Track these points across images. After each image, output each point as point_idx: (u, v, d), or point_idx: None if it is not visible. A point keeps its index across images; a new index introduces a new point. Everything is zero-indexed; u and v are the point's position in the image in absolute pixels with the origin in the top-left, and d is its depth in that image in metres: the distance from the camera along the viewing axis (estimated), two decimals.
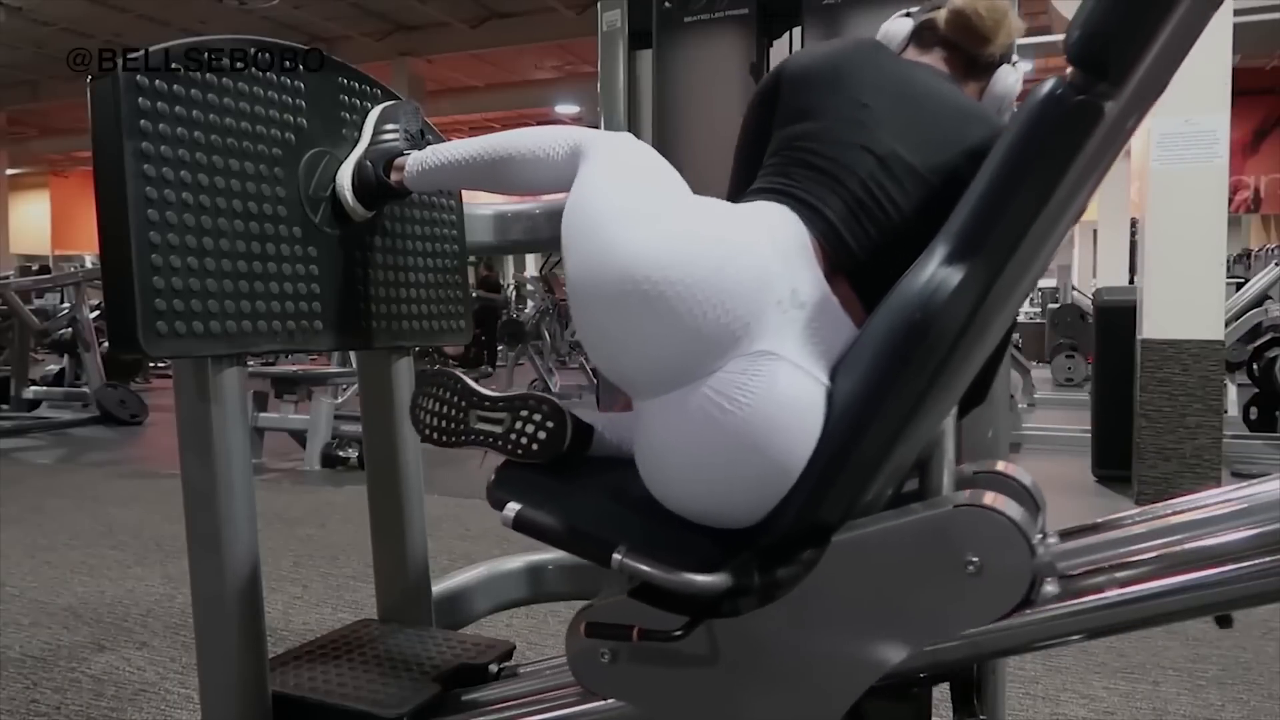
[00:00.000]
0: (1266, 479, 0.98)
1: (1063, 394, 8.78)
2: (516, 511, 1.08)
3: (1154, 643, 2.55)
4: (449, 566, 1.89)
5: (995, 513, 0.92)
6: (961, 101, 1.20)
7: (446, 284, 1.67)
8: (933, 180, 1.11)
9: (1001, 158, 0.95)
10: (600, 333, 1.03)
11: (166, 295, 1.17)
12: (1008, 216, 0.92)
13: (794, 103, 1.20)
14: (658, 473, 1.05)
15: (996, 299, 0.93)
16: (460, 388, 1.22)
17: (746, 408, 0.97)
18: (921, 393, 0.94)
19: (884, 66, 1.20)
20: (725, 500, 1.02)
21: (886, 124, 1.13)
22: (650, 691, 1.07)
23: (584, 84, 13.58)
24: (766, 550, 1.02)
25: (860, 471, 0.98)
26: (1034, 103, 0.92)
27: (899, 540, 0.96)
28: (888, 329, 0.97)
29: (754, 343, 0.99)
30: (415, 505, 1.68)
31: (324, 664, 1.43)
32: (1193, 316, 4.13)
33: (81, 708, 2.18)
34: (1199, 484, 4.05)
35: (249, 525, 1.28)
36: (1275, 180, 12.64)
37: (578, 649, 1.10)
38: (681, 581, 0.98)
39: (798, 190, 1.12)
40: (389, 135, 1.46)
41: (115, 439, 6.76)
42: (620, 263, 0.99)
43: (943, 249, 0.96)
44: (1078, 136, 0.88)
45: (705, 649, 1.03)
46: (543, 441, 1.13)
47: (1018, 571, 0.92)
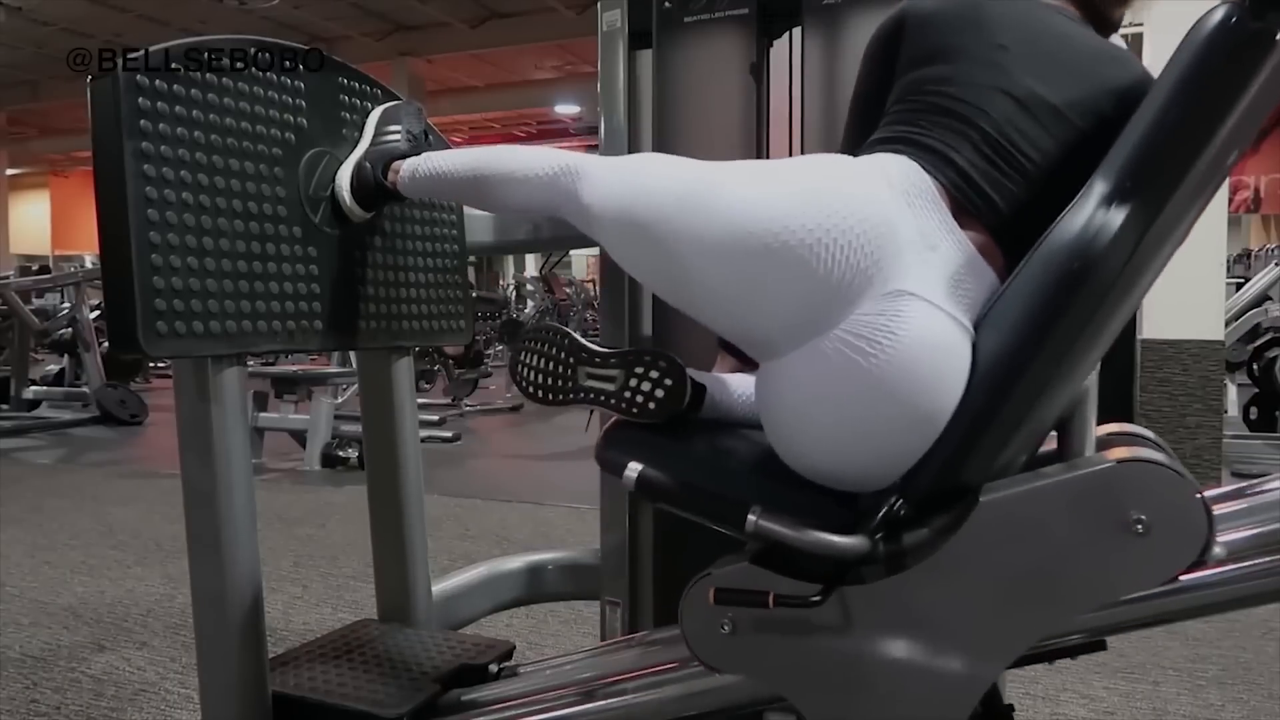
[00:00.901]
0: (1266, 479, 0.98)
1: None
2: (640, 472, 1.03)
3: (1154, 643, 2.55)
4: (449, 566, 1.89)
5: (1164, 467, 0.87)
6: (1100, 42, 1.15)
7: (446, 284, 1.67)
8: (1078, 121, 1.06)
9: (1166, 91, 0.89)
10: (723, 294, 0.99)
11: (166, 295, 1.17)
12: (1174, 150, 0.87)
13: (921, 45, 1.13)
14: (791, 431, 1.00)
15: (1156, 243, 0.88)
16: (568, 343, 1.16)
17: (889, 349, 0.92)
18: (1076, 345, 0.89)
19: (1015, 6, 1.14)
20: (865, 457, 0.97)
21: (1024, 64, 1.07)
22: (775, 664, 1.01)
23: (584, 84, 13.59)
24: (904, 512, 0.95)
25: (1006, 427, 0.92)
26: (1204, 31, 0.87)
27: (1054, 500, 0.90)
28: (1042, 277, 0.91)
29: (888, 282, 0.93)
30: (415, 505, 1.68)
31: (324, 664, 1.43)
32: (1193, 316, 4.13)
33: (81, 708, 2.19)
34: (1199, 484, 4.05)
35: (249, 525, 1.28)
36: (1275, 180, 12.65)
37: (699, 619, 1.02)
38: (823, 543, 0.92)
39: (925, 138, 1.06)
40: (391, 136, 1.45)
41: (115, 439, 6.77)
42: (736, 220, 0.95)
43: (1101, 189, 0.89)
44: (1250, 66, 0.84)
45: (839, 618, 0.96)
46: (660, 399, 1.08)
47: (1193, 529, 0.86)
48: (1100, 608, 0.91)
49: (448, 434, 6.21)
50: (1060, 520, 0.89)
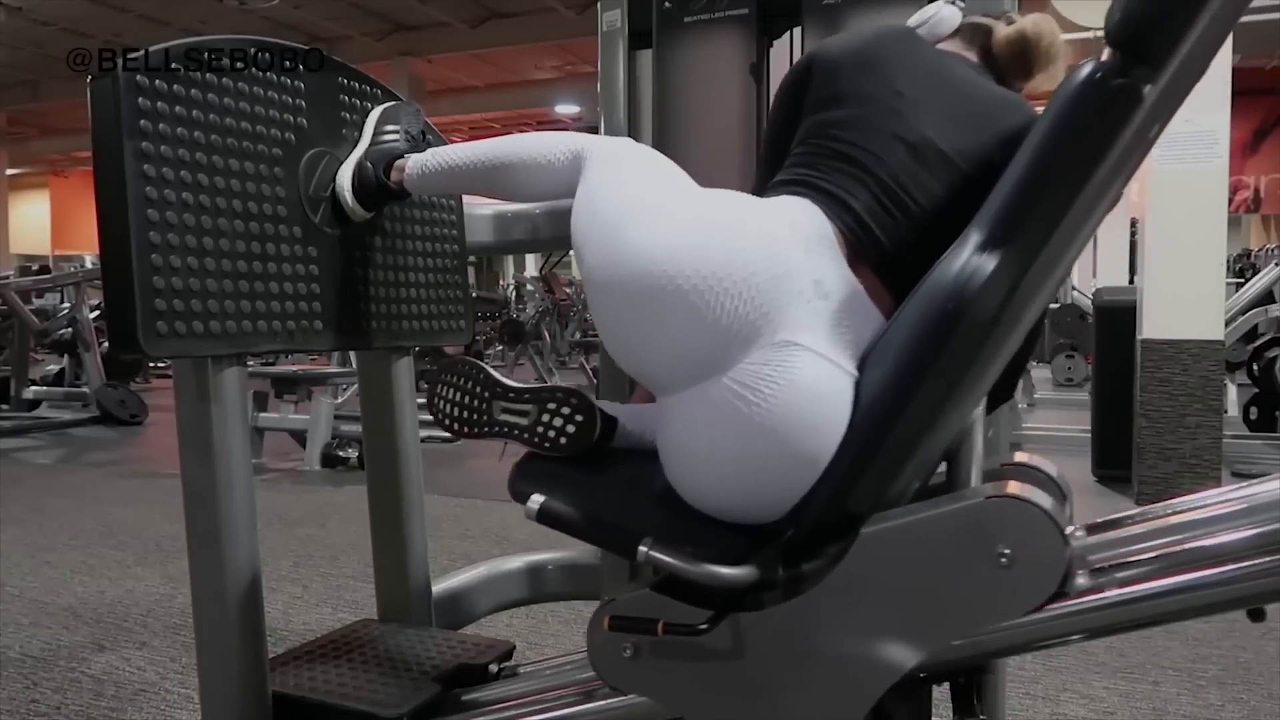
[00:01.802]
0: (1266, 479, 0.98)
1: (1063, 394, 8.77)
2: (541, 504, 1.06)
3: (1154, 643, 2.55)
4: (449, 566, 1.89)
5: (1028, 503, 0.91)
6: (996, 90, 1.18)
7: (446, 284, 1.67)
8: (965, 167, 1.10)
9: (1038, 142, 0.93)
10: (620, 329, 1.03)
11: (166, 295, 1.17)
12: (1044, 202, 0.90)
13: (826, 89, 1.18)
14: (682, 468, 1.04)
15: (1030, 287, 0.92)
16: (483, 377, 1.20)
17: (771, 399, 0.96)
18: (953, 383, 0.93)
19: (918, 55, 1.18)
20: (751, 494, 1.01)
21: (919, 112, 1.11)
22: (673, 686, 1.06)
23: (584, 84, 13.59)
24: (793, 542, 1.00)
25: (889, 463, 0.97)
26: (1072, 86, 0.90)
27: (929, 532, 0.94)
28: (920, 318, 0.95)
29: (776, 333, 0.97)
30: (415, 505, 1.68)
31: (324, 664, 1.43)
32: (1193, 316, 4.13)
33: (81, 708, 2.18)
34: (1199, 484, 4.05)
35: (249, 525, 1.28)
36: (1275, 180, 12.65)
37: (600, 643, 1.08)
38: (708, 574, 0.96)
39: (823, 182, 1.11)
40: (390, 136, 1.46)
41: (115, 439, 6.76)
42: (636, 258, 0.98)
43: (977, 236, 0.94)
44: (1116, 120, 0.87)
45: (730, 643, 1.01)
46: (571, 435, 1.12)
47: (1052, 562, 0.90)
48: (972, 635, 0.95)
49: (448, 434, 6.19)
50: (933, 551, 0.94)
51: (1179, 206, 4.13)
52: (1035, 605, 0.91)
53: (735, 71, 1.71)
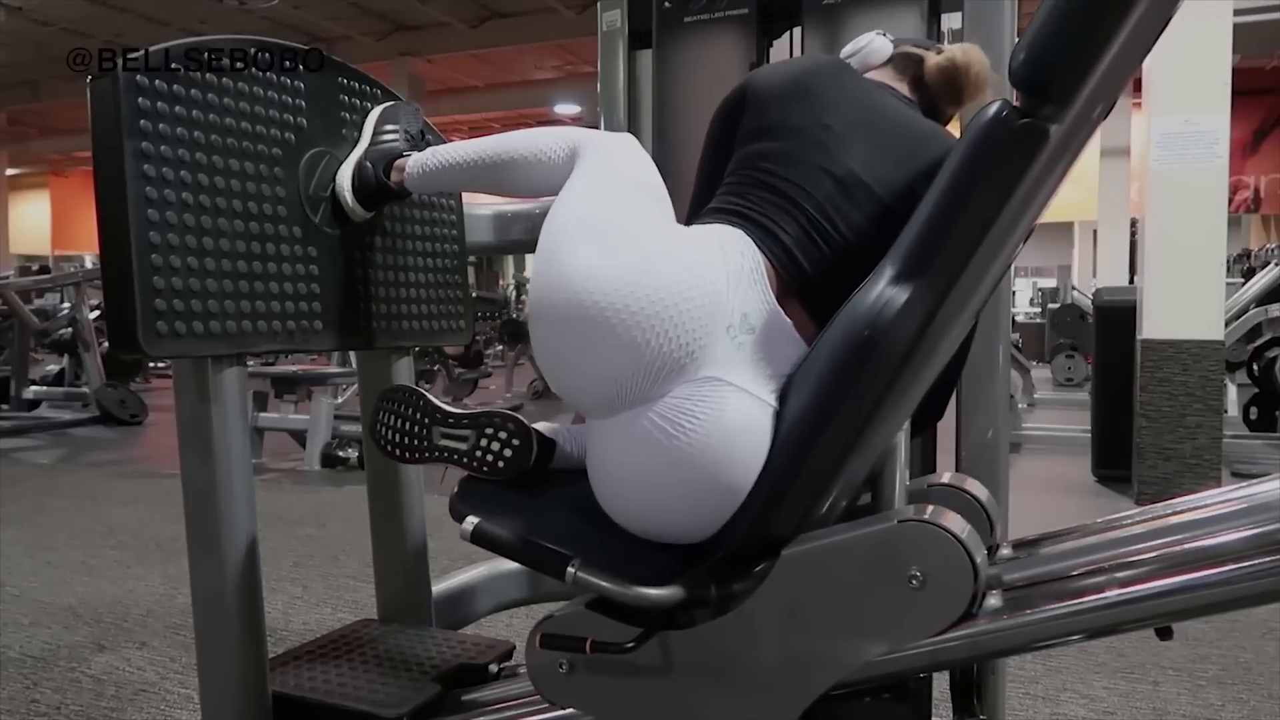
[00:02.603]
0: (1266, 479, 0.98)
1: (1063, 394, 8.78)
2: (475, 525, 1.09)
3: (1154, 643, 2.53)
4: (449, 566, 1.89)
5: (938, 528, 0.94)
6: (921, 123, 1.22)
7: (446, 284, 1.67)
8: (888, 200, 1.12)
9: (947, 179, 0.96)
10: (550, 351, 1.05)
11: (166, 295, 1.17)
12: (953, 237, 0.94)
13: (757, 120, 1.20)
14: (608, 492, 1.07)
15: (945, 317, 0.95)
16: (423, 404, 1.22)
17: (692, 434, 0.99)
18: (870, 409, 0.96)
19: (847, 87, 1.21)
20: (673, 519, 1.04)
21: (846, 145, 1.14)
22: (608, 702, 1.09)
23: (584, 84, 13.58)
24: (720, 563, 1.03)
25: (809, 487, 1.00)
26: (979, 125, 0.92)
27: (846, 554, 0.97)
28: (836, 346, 0.99)
29: (700, 369, 1.00)
30: (415, 505, 1.68)
31: (324, 664, 1.43)
32: (1193, 316, 4.13)
33: (81, 708, 2.18)
34: (1199, 484, 4.06)
35: (249, 525, 1.28)
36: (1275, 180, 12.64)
37: (536, 660, 1.11)
38: (634, 595, 1.00)
39: (753, 213, 1.13)
40: (389, 136, 1.46)
41: (115, 439, 6.76)
42: (571, 285, 1.00)
43: (891, 268, 0.97)
44: (1022, 158, 0.89)
45: (660, 659, 1.05)
46: (508, 459, 1.14)
47: (959, 585, 0.93)
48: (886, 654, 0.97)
49: None
50: (849, 572, 0.97)
51: (1179, 206, 4.13)
52: (945, 625, 0.94)
53: (735, 71, 1.70)
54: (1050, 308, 10.67)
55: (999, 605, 0.97)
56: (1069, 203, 12.58)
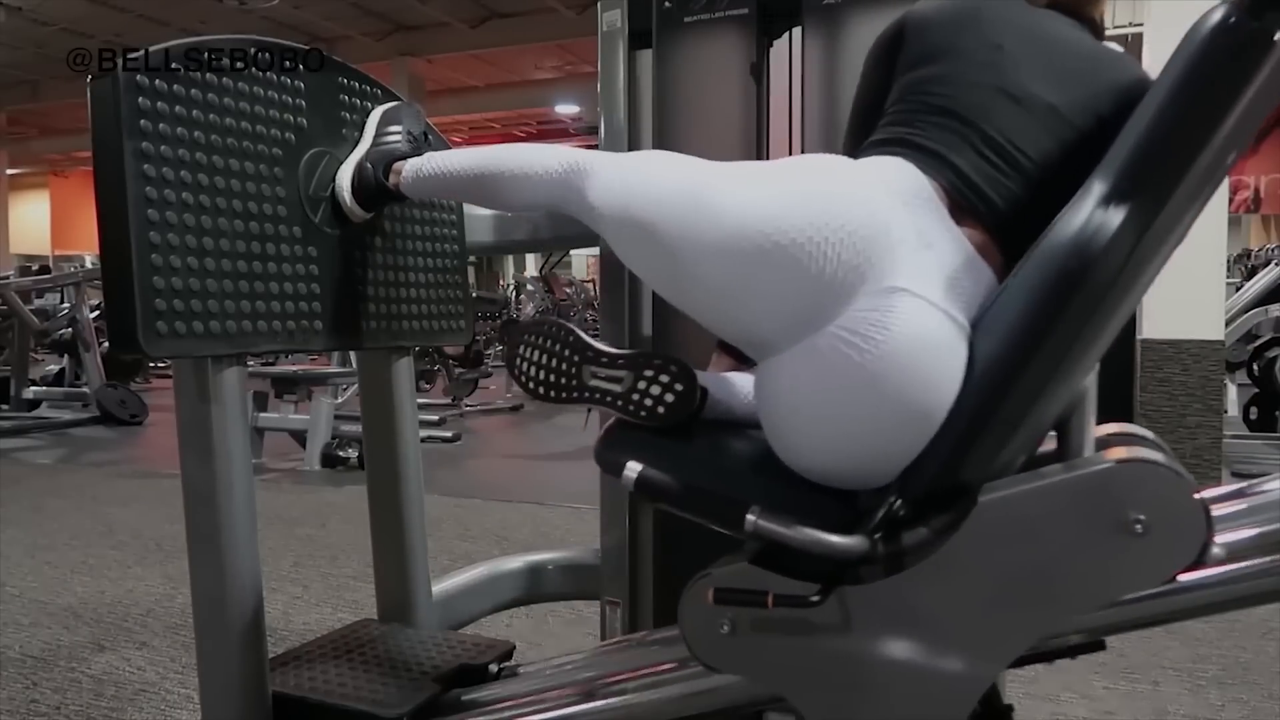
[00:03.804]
0: (1266, 479, 0.98)
1: None
2: (640, 472, 1.03)
3: (1154, 643, 2.54)
4: (449, 566, 1.89)
5: (1163, 467, 0.88)
6: (1096, 44, 1.15)
7: (446, 284, 1.67)
8: (1075, 120, 1.06)
9: (1166, 90, 0.89)
10: (720, 293, 1.00)
11: (166, 295, 1.17)
12: (1173, 150, 0.87)
13: (920, 47, 1.13)
14: (788, 429, 1.00)
15: (1154, 244, 0.88)
16: (574, 340, 1.15)
17: (882, 344, 0.92)
18: (1074, 345, 0.89)
19: (1015, 9, 1.15)
20: (861, 454, 0.97)
21: (1021, 64, 1.08)
22: (774, 664, 1.01)
23: (584, 84, 13.58)
24: (902, 511, 0.94)
25: (1004, 427, 0.92)
26: (1202, 32, 0.87)
27: (1053, 500, 0.90)
28: (1040, 276, 0.91)
29: (883, 279, 0.94)
30: (415, 505, 1.68)
31: (324, 664, 1.43)
32: (1193, 316, 4.13)
33: (81, 708, 2.19)
34: (1199, 484, 4.05)
35: (249, 525, 1.28)
36: (1275, 180, 12.64)
37: (698, 619, 1.02)
38: (820, 543, 0.92)
39: (921, 139, 1.07)
40: (391, 137, 1.45)
41: (115, 439, 6.77)
42: (730, 221, 0.96)
43: (1100, 189, 0.89)
44: (1249, 66, 0.84)
45: (838, 617, 0.96)
46: (669, 404, 1.07)
47: (1190, 529, 0.86)
48: (1099, 608, 0.91)
49: (448, 434, 6.21)
50: (1060, 520, 0.89)
51: None
52: (1173, 574, 0.88)
53: (735, 71, 1.70)
54: None
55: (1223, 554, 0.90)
56: None
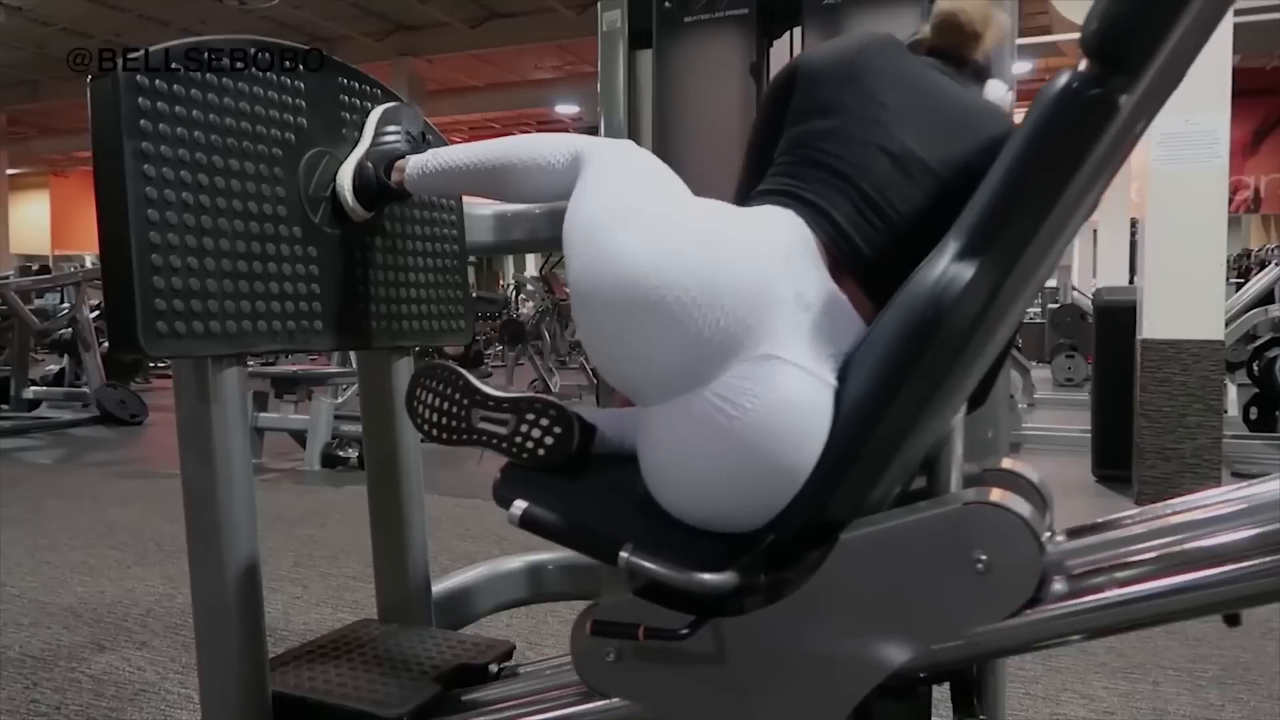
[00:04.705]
0: (1266, 479, 0.98)
1: (1063, 394, 8.78)
2: (524, 509, 1.07)
3: (1154, 643, 2.55)
4: (449, 566, 1.89)
5: (1004, 510, 0.91)
6: (974, 98, 1.20)
7: (447, 284, 1.67)
8: (945, 175, 1.10)
9: (1015, 152, 0.93)
10: (602, 338, 1.03)
11: (166, 295, 1.17)
12: (1021, 211, 0.91)
13: (808, 100, 1.18)
14: (662, 479, 1.05)
15: (1008, 295, 0.92)
16: (463, 384, 1.19)
17: (751, 412, 0.96)
18: (932, 390, 0.94)
19: (901, 65, 1.19)
20: (731, 506, 1.02)
21: (902, 122, 1.12)
22: (656, 691, 1.07)
23: (584, 84, 13.58)
24: (774, 549, 1.01)
25: (869, 469, 0.98)
26: (1049, 96, 0.90)
27: (907, 538, 0.95)
28: (898, 326, 0.96)
29: (758, 346, 0.98)
30: (415, 505, 1.68)
31: (324, 664, 1.43)
32: (1193, 316, 4.13)
33: (81, 708, 2.18)
34: (1199, 484, 4.05)
35: (249, 525, 1.28)
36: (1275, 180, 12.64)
37: (583, 648, 1.09)
38: (689, 580, 0.98)
39: (805, 192, 1.11)
40: (390, 137, 1.46)
41: (115, 439, 6.76)
42: (621, 269, 0.99)
43: (955, 244, 0.94)
44: (1093, 130, 0.87)
45: (712, 648, 1.02)
46: (549, 446, 1.12)
47: (1027, 569, 0.91)
48: (951, 641, 0.95)
49: None
50: (910, 557, 0.95)
51: (1179, 206, 4.13)
52: (1011, 611, 0.93)
53: (735, 71, 1.71)
54: (1050, 308, 10.67)
55: (1064, 590, 0.95)
56: None
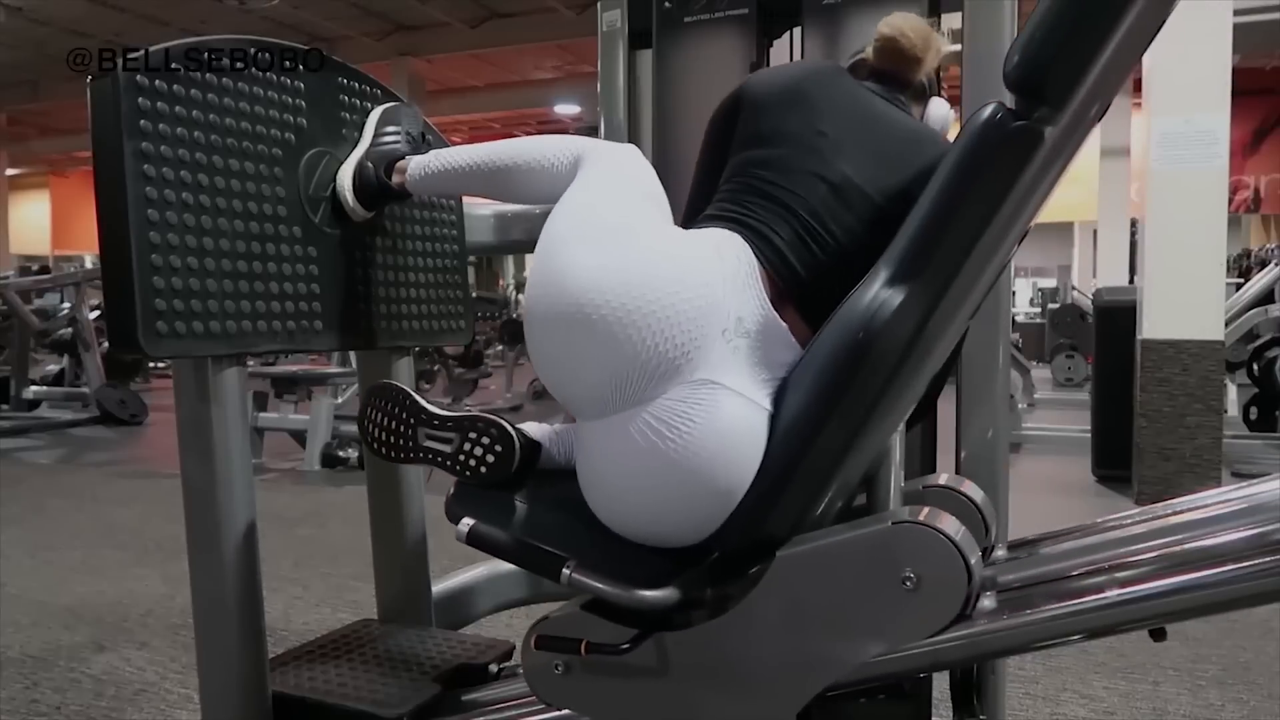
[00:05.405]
0: (1266, 479, 0.98)
1: (1063, 394, 8.78)
2: (470, 527, 1.09)
3: (1154, 643, 2.54)
4: (449, 566, 1.89)
5: (932, 529, 0.94)
6: (913, 124, 1.22)
7: (446, 284, 1.67)
8: (883, 204, 1.13)
9: (942, 182, 0.96)
10: (546, 352, 1.05)
11: (166, 295, 1.17)
12: (948, 239, 0.94)
13: (752, 127, 1.21)
14: (598, 495, 1.07)
15: (940, 319, 0.95)
16: (409, 404, 1.21)
17: (686, 436, 0.99)
18: (865, 411, 0.96)
19: (842, 93, 1.21)
20: (665, 523, 1.04)
21: (842, 150, 1.15)
22: (603, 703, 1.09)
23: (584, 84, 13.57)
24: (715, 564, 1.04)
25: (804, 489, 1.00)
26: (974, 128, 0.92)
27: (841, 555, 0.98)
28: (831, 348, 0.99)
29: (696, 371, 1.00)
30: (415, 505, 1.68)
31: (324, 664, 1.43)
32: (1193, 316, 4.13)
33: (81, 708, 2.18)
34: (1199, 484, 4.05)
35: (249, 525, 1.28)
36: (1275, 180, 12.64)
37: (532, 661, 1.11)
38: (630, 597, 1.00)
39: (749, 219, 1.13)
40: (391, 137, 1.46)
41: (115, 439, 6.76)
42: (567, 286, 1.00)
43: (886, 271, 0.97)
44: (1017, 161, 0.89)
45: (655, 660, 1.05)
46: (490, 464, 1.14)
47: (953, 587, 0.93)
48: (883, 655, 0.97)
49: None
50: (844, 574, 0.97)
51: (1179, 206, 4.13)
52: (940, 627, 0.94)
53: (735, 71, 1.70)
54: (1050, 308, 10.68)
55: (994, 606, 0.98)
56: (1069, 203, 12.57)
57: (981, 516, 1.23)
